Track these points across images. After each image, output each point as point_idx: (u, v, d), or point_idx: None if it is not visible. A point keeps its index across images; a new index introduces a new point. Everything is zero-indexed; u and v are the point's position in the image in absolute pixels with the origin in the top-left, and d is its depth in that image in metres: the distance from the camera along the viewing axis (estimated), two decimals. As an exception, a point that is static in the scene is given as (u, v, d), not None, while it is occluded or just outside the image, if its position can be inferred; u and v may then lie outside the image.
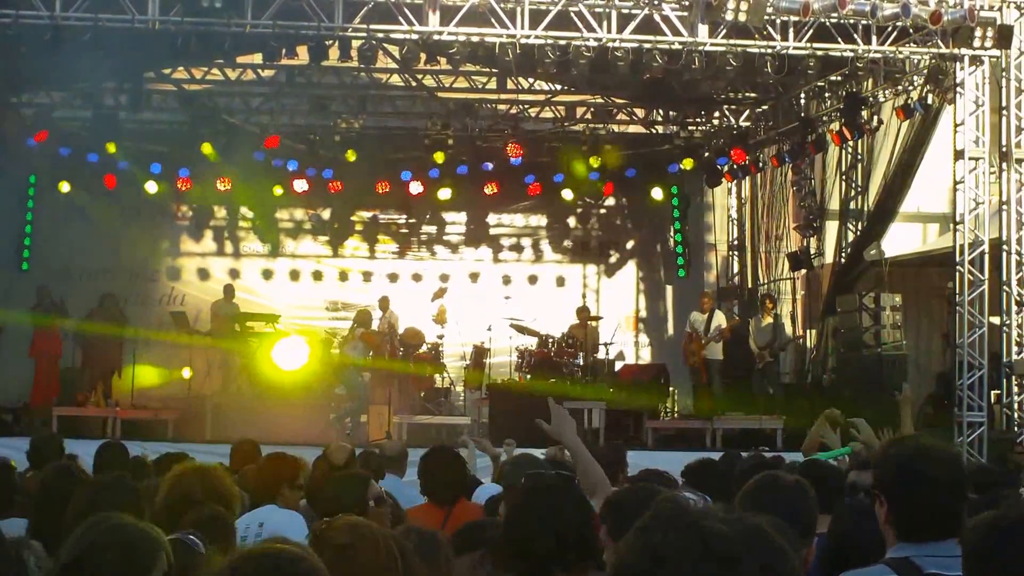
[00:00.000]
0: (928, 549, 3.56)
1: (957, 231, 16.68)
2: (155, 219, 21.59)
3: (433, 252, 22.61)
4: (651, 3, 15.28)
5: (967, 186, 16.61)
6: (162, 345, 19.15)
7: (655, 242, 23.10)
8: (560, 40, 15.35)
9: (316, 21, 14.96)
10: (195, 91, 19.91)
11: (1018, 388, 16.54)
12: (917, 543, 3.57)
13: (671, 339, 21.95)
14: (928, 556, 3.55)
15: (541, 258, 22.78)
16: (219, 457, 9.22)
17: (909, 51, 16.32)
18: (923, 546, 3.56)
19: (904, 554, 3.58)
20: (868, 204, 19.09)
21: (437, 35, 15.10)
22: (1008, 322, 16.46)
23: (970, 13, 15.45)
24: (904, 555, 3.58)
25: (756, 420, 17.45)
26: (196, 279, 21.77)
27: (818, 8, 15.10)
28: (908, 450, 3.77)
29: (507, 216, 22.70)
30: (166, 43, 15.41)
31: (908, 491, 3.64)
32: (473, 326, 19.19)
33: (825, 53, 16.03)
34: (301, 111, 20.65)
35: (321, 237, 22.26)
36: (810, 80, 17.87)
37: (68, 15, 14.49)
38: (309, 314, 21.59)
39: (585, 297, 22.13)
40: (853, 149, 19.47)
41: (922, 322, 20.03)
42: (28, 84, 18.55)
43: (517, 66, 16.12)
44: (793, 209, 20.84)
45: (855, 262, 19.04)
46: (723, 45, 15.50)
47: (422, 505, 6.88)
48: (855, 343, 18.20)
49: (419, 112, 20.87)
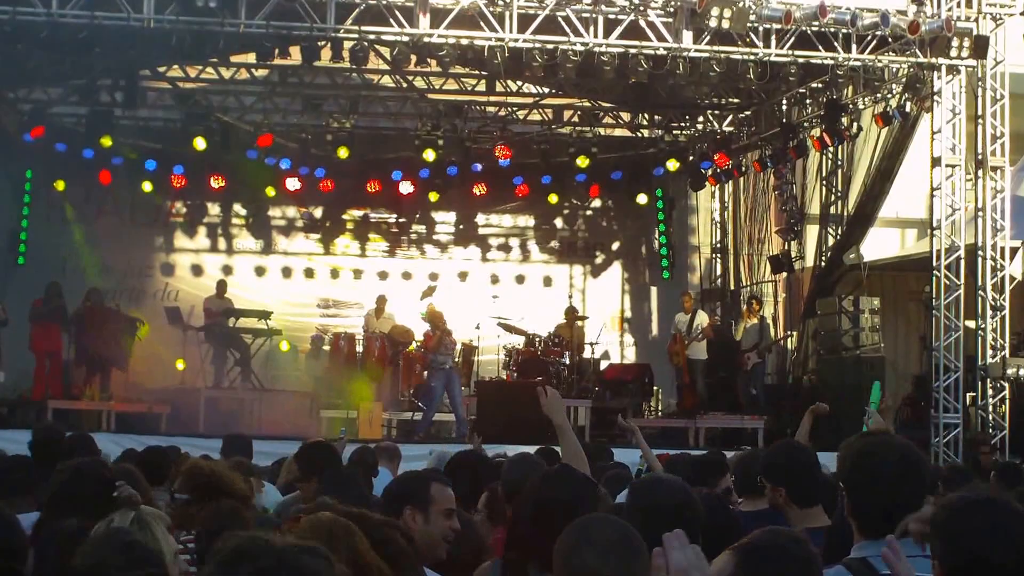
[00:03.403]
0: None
1: (934, 236, 16.96)
2: (149, 215, 21.82)
3: (423, 251, 22.81)
4: (637, 9, 15.52)
5: (944, 193, 16.91)
6: (156, 339, 19.34)
7: (640, 244, 23.37)
8: (548, 44, 15.57)
9: (309, 22, 15.11)
10: (189, 89, 20.15)
11: (993, 391, 16.77)
12: (876, 540, 3.53)
13: (656, 339, 22.21)
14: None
15: (528, 258, 23.03)
16: (211, 451, 9.49)
17: (888, 60, 16.60)
18: (883, 544, 3.51)
19: (863, 554, 3.58)
20: (848, 209, 19.31)
21: (427, 37, 15.27)
22: (983, 326, 16.71)
23: (947, 24, 15.74)
24: (863, 555, 3.58)
25: (738, 419, 17.79)
26: (189, 275, 21.95)
27: (800, 16, 15.37)
28: (868, 443, 3.83)
29: (495, 216, 22.93)
30: (161, 41, 15.68)
31: (865, 483, 3.67)
32: (461, 325, 19.45)
33: (806, 60, 16.33)
34: (294, 110, 20.91)
35: (313, 235, 22.49)
36: (792, 87, 18.22)
37: (64, 12, 14.63)
38: (301, 311, 21.84)
39: (571, 297, 22.26)
40: (833, 155, 19.71)
41: (900, 325, 20.32)
42: (25, 80, 18.80)
43: (506, 69, 16.31)
44: (775, 213, 21.10)
45: (835, 266, 19.27)
46: (707, 51, 15.77)
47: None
48: (834, 345, 18.45)
49: (409, 113, 21.10)
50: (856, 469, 3.73)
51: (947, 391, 16.61)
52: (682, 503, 3.94)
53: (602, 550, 3.04)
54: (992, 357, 16.72)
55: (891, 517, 3.54)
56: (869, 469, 3.69)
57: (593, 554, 3.04)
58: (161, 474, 6.80)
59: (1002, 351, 16.79)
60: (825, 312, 18.91)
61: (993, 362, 16.71)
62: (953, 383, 16.62)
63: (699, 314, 19.31)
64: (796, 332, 20.50)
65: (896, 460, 3.70)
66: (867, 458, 3.72)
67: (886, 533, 3.45)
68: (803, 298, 20.29)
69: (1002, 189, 17.03)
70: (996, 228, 16.94)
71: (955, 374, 16.63)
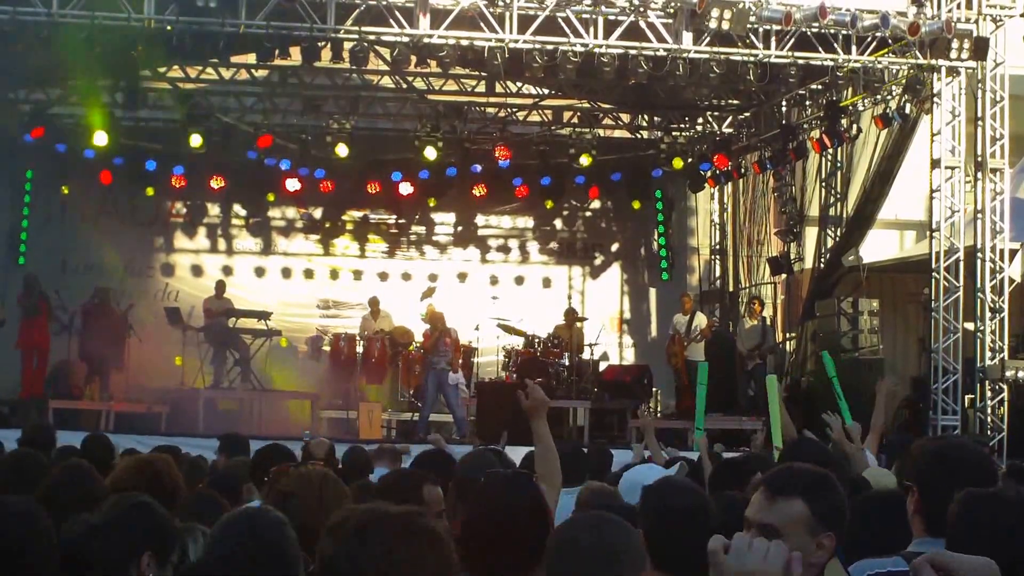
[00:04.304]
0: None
1: (933, 238, 16.99)
2: (149, 216, 21.86)
3: (422, 252, 22.84)
4: (637, 10, 15.55)
5: (943, 194, 16.94)
6: (156, 339, 19.36)
7: (639, 245, 23.39)
8: (548, 45, 15.60)
9: (309, 22, 15.15)
10: (190, 90, 20.19)
11: (991, 392, 16.78)
12: (940, 538, 3.53)
13: (654, 340, 22.21)
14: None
15: (528, 259, 23.04)
16: (210, 451, 9.48)
17: (888, 61, 16.62)
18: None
19: (925, 548, 3.54)
20: (847, 211, 19.33)
21: (427, 38, 15.30)
22: (982, 328, 16.73)
23: (947, 25, 15.77)
24: (924, 550, 3.38)
25: (736, 421, 17.79)
26: (189, 275, 21.98)
27: (800, 18, 15.40)
28: (944, 443, 4.01)
29: (495, 218, 22.95)
30: (161, 42, 15.71)
31: (941, 483, 3.68)
32: (461, 326, 19.45)
33: (806, 62, 16.36)
34: (294, 111, 20.93)
35: (312, 236, 22.52)
36: (791, 88, 18.24)
37: (65, 12, 14.68)
38: (300, 311, 21.86)
39: (570, 298, 22.39)
40: (833, 157, 19.74)
41: (898, 327, 20.33)
42: (25, 80, 18.82)
43: (505, 70, 16.32)
44: (774, 215, 21.14)
45: (834, 267, 19.28)
46: (707, 52, 15.80)
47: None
48: (833, 347, 18.44)
49: (409, 114, 21.11)
50: (931, 470, 3.81)
51: (946, 393, 16.64)
52: (695, 506, 3.99)
53: (585, 555, 3.08)
54: (991, 359, 16.74)
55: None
56: (946, 471, 3.75)
57: (576, 559, 3.08)
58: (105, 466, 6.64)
59: (1001, 353, 16.80)
60: (824, 314, 18.94)
61: (992, 364, 16.72)
62: (952, 385, 16.65)
63: (698, 315, 19.33)
64: (795, 334, 20.51)
65: (973, 464, 3.82)
66: (944, 460, 3.82)
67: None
68: (802, 300, 20.30)
69: (1001, 191, 17.05)
70: (995, 230, 16.96)
71: (954, 376, 16.66)
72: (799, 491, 3.32)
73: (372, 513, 2.48)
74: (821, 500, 3.34)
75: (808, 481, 3.37)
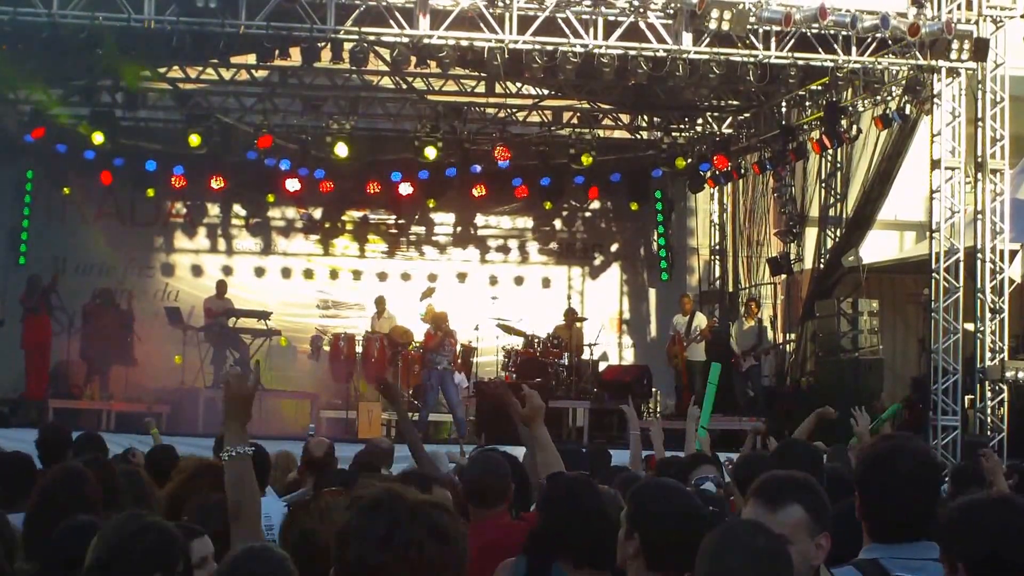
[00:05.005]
0: (899, 551, 3.54)
1: (933, 239, 16.98)
2: (149, 216, 21.87)
3: (422, 252, 22.86)
4: (637, 11, 15.55)
5: (943, 195, 16.93)
6: (156, 339, 19.39)
7: (639, 245, 23.40)
8: (547, 46, 15.59)
9: (309, 23, 15.15)
10: (190, 90, 20.20)
11: (991, 393, 16.77)
12: (888, 543, 3.55)
13: (654, 341, 22.23)
14: (898, 558, 3.53)
15: (527, 259, 23.06)
16: (210, 451, 9.46)
17: (888, 62, 16.61)
18: (894, 547, 3.55)
19: (874, 555, 3.56)
20: (847, 211, 19.33)
21: (427, 38, 15.31)
22: (982, 328, 16.73)
23: (947, 26, 15.75)
24: (874, 556, 3.56)
25: (736, 421, 17.79)
26: (189, 275, 22.01)
27: (800, 18, 15.39)
28: (885, 445, 3.81)
29: (494, 218, 22.97)
30: (162, 42, 15.71)
31: (879, 485, 3.65)
32: (460, 326, 19.47)
33: (806, 63, 16.35)
34: (294, 111, 20.94)
35: (312, 236, 22.53)
36: (791, 89, 18.23)
37: (65, 13, 14.69)
38: (300, 311, 21.88)
39: (570, 299, 22.40)
40: (833, 157, 19.74)
41: (898, 327, 20.35)
42: (25, 81, 18.81)
43: (505, 70, 16.29)
44: (774, 215, 21.15)
45: (834, 268, 19.28)
46: (707, 53, 15.79)
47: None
48: (833, 347, 18.47)
49: (409, 114, 21.12)
50: (871, 472, 3.72)
51: (946, 393, 16.64)
52: (688, 508, 3.94)
53: (748, 557, 2.96)
54: (991, 360, 16.74)
55: (909, 521, 3.59)
56: (885, 473, 3.66)
57: (738, 561, 2.97)
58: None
59: (1001, 354, 16.81)
60: (824, 314, 18.93)
61: (992, 364, 16.72)
62: (952, 385, 16.65)
63: (698, 316, 19.35)
64: (795, 334, 20.51)
65: (913, 465, 3.67)
66: (883, 462, 3.69)
67: (903, 539, 3.54)
68: (802, 300, 20.31)
69: (1001, 192, 17.06)
70: (995, 231, 16.96)
71: (954, 376, 16.66)
72: (796, 497, 3.37)
73: (389, 493, 2.57)
74: (814, 502, 3.41)
75: (801, 486, 3.43)
